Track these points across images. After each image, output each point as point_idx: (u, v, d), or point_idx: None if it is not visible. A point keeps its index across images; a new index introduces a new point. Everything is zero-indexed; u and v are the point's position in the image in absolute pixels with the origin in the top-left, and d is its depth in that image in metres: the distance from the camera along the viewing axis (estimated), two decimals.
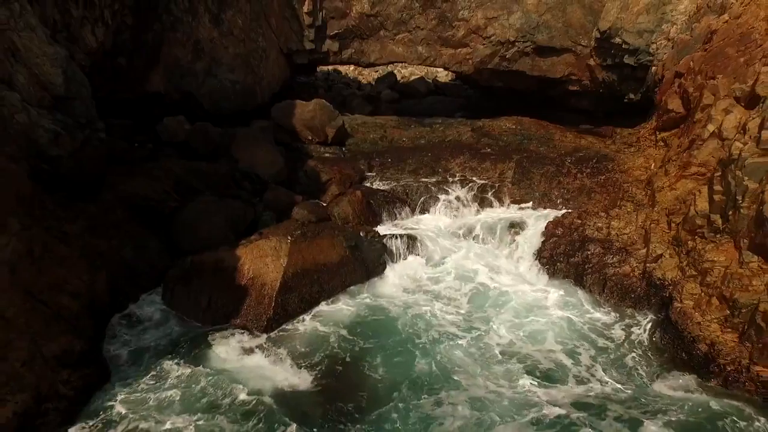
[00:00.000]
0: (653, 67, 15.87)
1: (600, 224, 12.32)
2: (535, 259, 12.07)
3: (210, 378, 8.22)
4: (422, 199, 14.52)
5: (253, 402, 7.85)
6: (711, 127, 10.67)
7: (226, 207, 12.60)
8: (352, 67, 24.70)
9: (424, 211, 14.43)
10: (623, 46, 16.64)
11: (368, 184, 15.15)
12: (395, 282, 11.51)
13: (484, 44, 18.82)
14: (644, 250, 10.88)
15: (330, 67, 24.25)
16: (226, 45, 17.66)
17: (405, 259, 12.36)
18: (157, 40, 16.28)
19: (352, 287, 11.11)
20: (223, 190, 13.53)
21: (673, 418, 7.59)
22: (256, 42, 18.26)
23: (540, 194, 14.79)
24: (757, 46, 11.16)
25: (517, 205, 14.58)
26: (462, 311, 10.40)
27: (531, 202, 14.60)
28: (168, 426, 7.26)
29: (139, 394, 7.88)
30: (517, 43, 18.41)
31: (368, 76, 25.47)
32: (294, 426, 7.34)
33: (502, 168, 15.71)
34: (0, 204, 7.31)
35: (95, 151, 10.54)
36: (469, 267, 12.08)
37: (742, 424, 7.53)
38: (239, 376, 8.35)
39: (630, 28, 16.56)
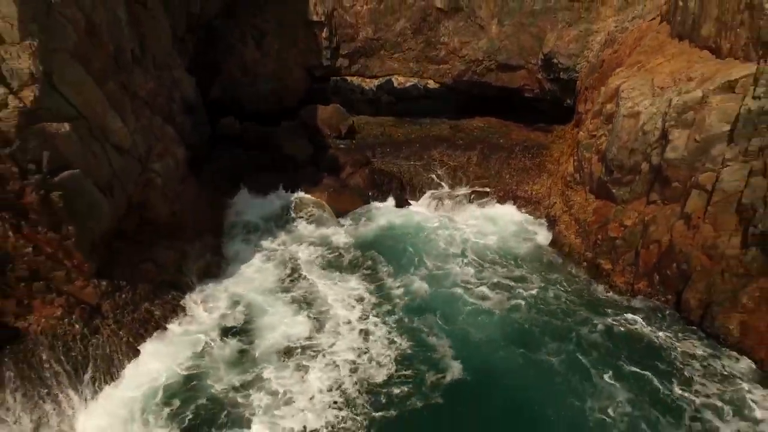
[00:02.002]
0: (578, 82, 25.14)
1: (527, 188, 21.70)
2: (484, 209, 21.26)
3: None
4: (411, 176, 23.60)
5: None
6: (587, 124, 19.94)
7: (279, 178, 21.78)
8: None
9: (413, 184, 23.52)
10: (559, 65, 25.98)
11: (373, 166, 24.26)
12: (389, 221, 20.70)
13: (459, 62, 28.20)
14: (548, 201, 20.16)
15: (339, 77, 33.44)
16: (265, 63, 27.01)
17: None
18: (217, 60, 25.59)
19: (364, 220, 20.31)
20: (274, 168, 22.68)
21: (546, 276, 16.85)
22: (286, 60, 27.61)
23: (494, 172, 23.99)
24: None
25: (478, 180, 23.67)
26: (425, 228, 19.61)
27: (488, 179, 23.74)
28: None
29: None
30: (484, 62, 27.77)
31: (370, 82, 34.76)
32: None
33: (469, 154, 25.01)
34: (183, 168, 16.50)
35: (207, 140, 19.79)
36: (443, 216, 21.33)
37: (575, 284, 16.73)
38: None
39: (563, 52, 25.86)
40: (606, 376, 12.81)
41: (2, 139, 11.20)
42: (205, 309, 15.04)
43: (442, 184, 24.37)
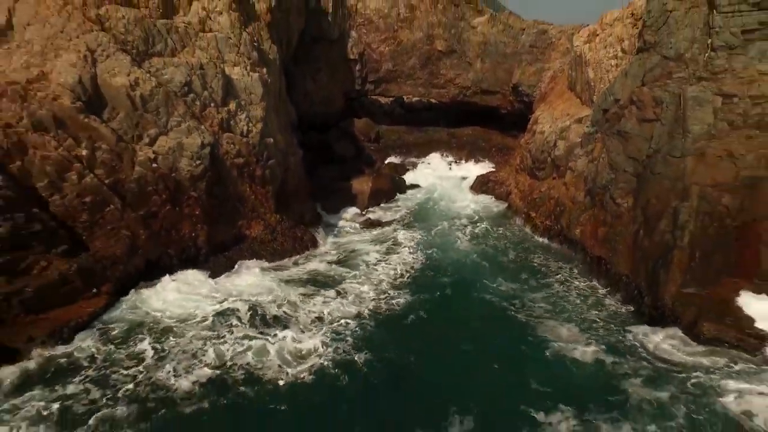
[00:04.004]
0: (534, 103, 45.61)
1: (497, 174, 42.40)
2: (470, 188, 41.69)
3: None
4: (419, 165, 44.19)
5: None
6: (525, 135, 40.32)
7: (336, 169, 42.06)
8: None
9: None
10: (522, 92, 46.84)
11: (394, 160, 44.69)
12: (410, 197, 41.03)
13: (454, 88, 49.03)
14: (508, 182, 40.51)
15: (365, 97, 53.86)
16: (317, 91, 47.70)
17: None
18: (287, 92, 45.78)
19: (395, 196, 40.64)
20: (331, 162, 42.95)
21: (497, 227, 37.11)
22: (331, 88, 48.21)
23: (476, 165, 44.46)
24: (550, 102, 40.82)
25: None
26: (432, 200, 39.90)
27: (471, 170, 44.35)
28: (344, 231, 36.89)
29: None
30: (471, 88, 48.61)
31: (386, 99, 55.29)
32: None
33: (461, 153, 45.46)
34: (300, 161, 36.44)
35: (300, 142, 39.98)
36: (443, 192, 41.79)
37: (516, 226, 36.95)
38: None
39: (526, 83, 46.71)
40: (518, 265, 32.93)
41: (252, 145, 31.26)
42: (320, 237, 34.96)
43: (440, 171, 44.81)
